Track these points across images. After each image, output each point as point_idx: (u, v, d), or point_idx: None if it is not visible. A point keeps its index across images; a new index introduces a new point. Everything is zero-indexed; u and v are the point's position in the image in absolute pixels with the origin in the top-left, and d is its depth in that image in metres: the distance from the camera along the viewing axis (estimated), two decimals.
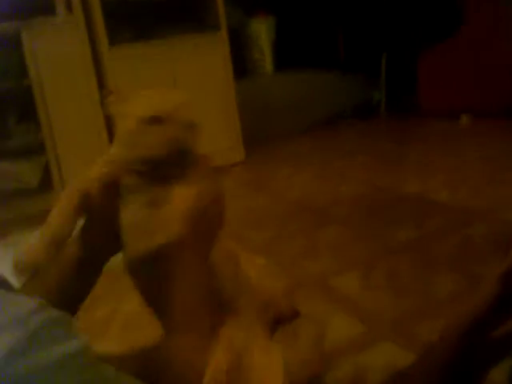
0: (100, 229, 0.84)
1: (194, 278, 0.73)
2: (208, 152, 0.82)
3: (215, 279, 0.82)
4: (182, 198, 0.75)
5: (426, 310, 1.51)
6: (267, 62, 4.39)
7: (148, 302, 0.81)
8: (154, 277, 0.78)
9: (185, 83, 2.95)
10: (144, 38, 2.95)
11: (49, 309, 0.47)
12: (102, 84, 2.85)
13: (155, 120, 0.75)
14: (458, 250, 1.85)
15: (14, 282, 0.71)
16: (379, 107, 3.99)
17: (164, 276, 0.75)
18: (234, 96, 3.18)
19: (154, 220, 0.75)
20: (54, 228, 0.75)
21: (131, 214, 0.78)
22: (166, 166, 0.76)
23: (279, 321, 0.97)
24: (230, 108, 3.19)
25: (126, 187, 0.79)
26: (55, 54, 2.68)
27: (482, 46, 3.36)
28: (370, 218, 2.24)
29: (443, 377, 0.75)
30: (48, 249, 0.73)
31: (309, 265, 1.85)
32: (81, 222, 0.83)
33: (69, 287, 0.83)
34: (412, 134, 3.48)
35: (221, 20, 3.09)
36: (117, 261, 0.85)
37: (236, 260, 0.90)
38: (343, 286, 1.68)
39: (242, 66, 4.08)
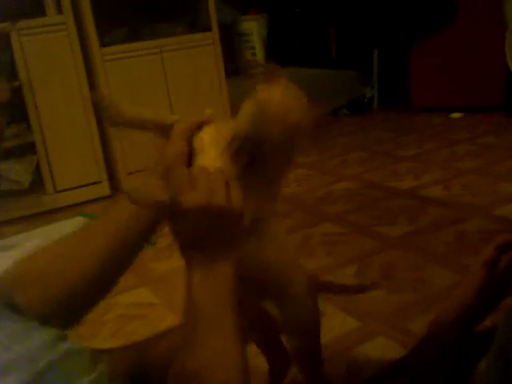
0: None
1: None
2: None
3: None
4: None
5: (420, 305, 1.51)
6: (259, 60, 4.39)
7: None
8: None
9: (176, 84, 2.95)
10: (135, 39, 2.94)
11: (61, 342, 0.43)
12: (93, 85, 2.83)
13: None
14: (451, 245, 1.86)
15: None
16: (372, 103, 3.99)
17: None
18: (226, 96, 3.17)
19: None
20: None
21: None
22: None
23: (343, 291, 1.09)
24: (223, 108, 3.18)
25: None
26: (45, 55, 2.66)
27: (475, 40, 3.36)
28: (364, 214, 2.23)
29: (436, 367, 0.74)
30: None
31: (303, 262, 1.84)
32: None
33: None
34: (405, 129, 3.48)
35: (212, 21, 3.09)
36: None
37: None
38: (338, 282, 1.67)
39: (234, 63, 4.09)
